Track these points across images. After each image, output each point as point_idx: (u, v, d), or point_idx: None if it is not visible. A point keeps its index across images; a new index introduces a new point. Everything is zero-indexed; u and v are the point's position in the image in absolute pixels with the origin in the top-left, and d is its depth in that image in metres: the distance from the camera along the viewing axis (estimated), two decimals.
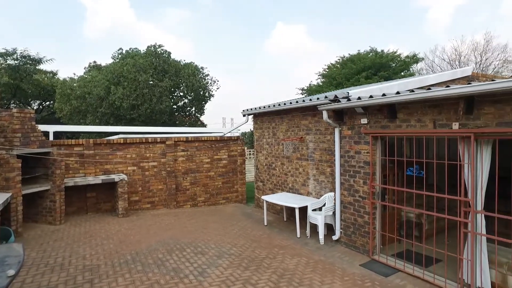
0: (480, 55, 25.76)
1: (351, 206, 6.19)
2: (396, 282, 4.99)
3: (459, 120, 4.46)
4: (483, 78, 8.73)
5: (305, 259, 5.85)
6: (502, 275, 4.45)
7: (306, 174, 7.90)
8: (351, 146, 6.09)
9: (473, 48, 26.19)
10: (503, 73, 23.46)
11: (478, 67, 24.78)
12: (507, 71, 23.67)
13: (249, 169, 14.23)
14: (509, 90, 3.71)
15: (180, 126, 22.97)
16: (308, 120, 7.71)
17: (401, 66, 22.76)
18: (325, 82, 24.64)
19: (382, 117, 5.49)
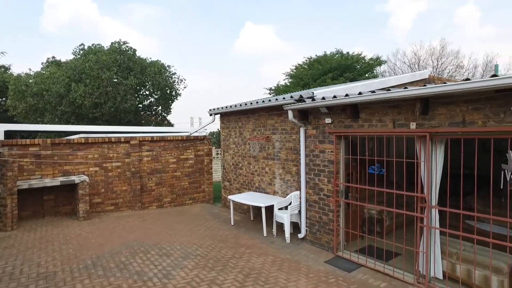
0: (437, 60, 27.27)
1: (316, 205, 6.31)
2: (359, 277, 5.14)
3: (416, 120, 4.68)
4: (438, 81, 9.24)
5: (271, 257, 5.89)
6: (452, 265, 4.74)
7: (272, 173, 7.96)
8: (316, 145, 6.22)
9: (431, 53, 27.67)
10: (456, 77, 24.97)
11: (435, 71, 26.18)
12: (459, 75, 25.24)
13: (216, 169, 14.14)
14: (458, 93, 3.95)
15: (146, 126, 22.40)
16: (274, 120, 7.77)
17: (366, 68, 23.56)
18: (293, 83, 24.98)
19: (345, 117, 5.65)
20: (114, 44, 22.36)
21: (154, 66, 22.79)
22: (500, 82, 3.46)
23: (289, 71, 26.80)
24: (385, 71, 27.97)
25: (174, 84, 24.55)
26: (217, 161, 15.26)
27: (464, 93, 3.97)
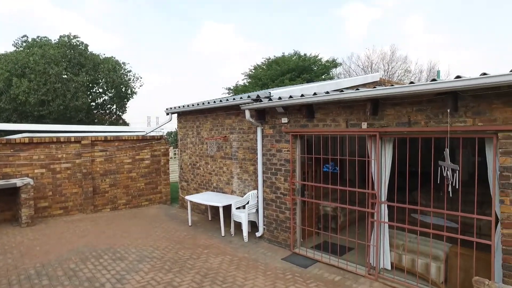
0: (388, 64, 28.80)
1: (273, 203, 6.41)
2: (314, 272, 5.30)
3: (367, 120, 4.92)
4: (388, 84, 9.76)
5: (229, 257, 5.89)
6: (399, 255, 5.05)
7: (230, 173, 7.96)
8: (273, 145, 6.31)
9: (382, 57, 29.17)
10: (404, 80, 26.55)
11: (386, 74, 27.64)
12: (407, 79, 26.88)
13: (173, 169, 13.85)
14: (403, 95, 4.22)
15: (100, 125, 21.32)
16: (232, 119, 7.78)
17: (322, 70, 24.31)
18: (251, 83, 25.14)
19: (301, 116, 5.79)
20: (63, 37, 21.03)
21: (108, 63, 21.77)
22: (438, 86, 3.74)
23: (248, 72, 26.95)
24: (341, 73, 29.04)
25: (130, 82, 23.63)
26: (175, 161, 14.95)
27: (409, 95, 4.25)
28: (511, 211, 3.69)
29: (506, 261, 3.74)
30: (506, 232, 3.73)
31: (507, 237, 3.73)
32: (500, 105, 3.72)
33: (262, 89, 21.33)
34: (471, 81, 3.51)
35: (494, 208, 3.90)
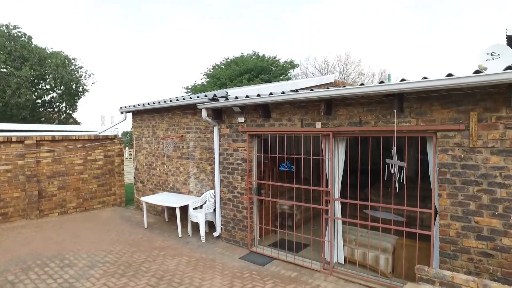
0: (343, 66, 29.95)
1: (230, 202, 6.42)
2: (272, 269, 5.38)
3: (321, 120, 5.08)
4: (343, 85, 10.15)
5: (186, 258, 5.80)
6: (351, 250, 5.29)
7: (187, 173, 7.84)
8: (230, 144, 6.32)
9: (337, 60, 30.30)
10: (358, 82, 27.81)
11: (341, 76, 28.73)
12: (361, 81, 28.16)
13: (129, 170, 13.36)
14: (354, 95, 4.42)
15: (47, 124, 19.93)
16: (189, 119, 7.66)
17: (280, 71, 24.69)
18: (210, 82, 24.92)
19: (257, 116, 5.85)
20: (1, 27, 19.37)
21: (56, 58, 20.37)
22: (385, 88, 3.97)
23: (206, 71, 26.68)
24: (298, 74, 29.71)
25: (81, 79, 22.36)
26: (130, 161, 14.41)
27: (359, 96, 4.46)
28: (447, 204, 4.01)
29: (442, 248, 4.07)
30: (442, 222, 4.06)
31: (443, 227, 4.05)
32: (439, 107, 4.02)
33: (220, 88, 21.23)
34: (413, 84, 3.76)
35: (434, 202, 4.21)
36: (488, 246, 3.79)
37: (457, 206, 3.97)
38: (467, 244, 3.92)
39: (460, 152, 3.92)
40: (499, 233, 3.72)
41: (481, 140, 3.78)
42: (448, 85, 3.61)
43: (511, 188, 3.63)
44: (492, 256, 3.77)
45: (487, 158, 3.77)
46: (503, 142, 3.66)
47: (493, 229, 3.76)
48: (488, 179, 3.77)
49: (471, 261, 3.89)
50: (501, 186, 3.69)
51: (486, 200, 3.79)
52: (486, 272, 3.80)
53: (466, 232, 3.92)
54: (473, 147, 3.83)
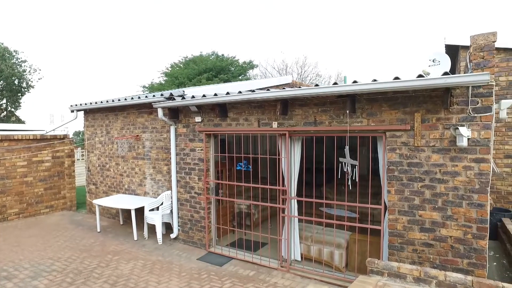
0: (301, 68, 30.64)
1: (187, 203, 6.32)
2: (230, 269, 5.38)
3: (277, 120, 5.16)
4: (300, 86, 10.39)
5: (141, 261, 5.62)
6: (307, 247, 5.43)
7: (142, 173, 7.60)
8: (187, 144, 6.22)
9: (296, 61, 30.99)
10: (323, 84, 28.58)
11: (299, 78, 29.36)
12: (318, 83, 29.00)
13: (81, 171, 12.68)
14: (309, 96, 4.53)
15: None
16: (145, 118, 7.43)
17: (239, 71, 24.71)
18: (168, 81, 24.34)
19: (214, 115, 5.82)
20: None
21: None
22: (338, 89, 4.12)
23: (164, 70, 26.04)
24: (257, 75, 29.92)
25: (25, 74, 20.85)
26: (82, 162, 13.68)
27: (314, 96, 4.59)
28: (395, 200, 4.26)
29: (391, 241, 4.31)
30: (391, 217, 4.30)
31: (392, 222, 4.29)
32: (387, 108, 4.25)
33: (179, 87, 20.81)
34: (364, 86, 3.94)
35: (383, 198, 4.45)
36: (429, 237, 4.07)
37: (404, 201, 4.22)
38: (412, 237, 4.18)
39: (406, 150, 4.18)
40: (438, 225, 4.02)
41: (424, 140, 4.05)
42: (395, 88, 3.83)
43: (449, 183, 3.93)
44: (432, 246, 4.06)
45: (429, 156, 4.04)
46: (442, 141, 3.95)
47: (433, 221, 4.04)
48: (430, 175, 4.05)
49: (415, 252, 4.16)
50: (440, 181, 3.98)
51: (428, 195, 4.07)
52: (427, 260, 4.08)
53: (412, 225, 4.18)
54: (417, 146, 4.09)
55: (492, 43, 3.74)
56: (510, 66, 6.26)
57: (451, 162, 3.93)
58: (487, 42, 3.76)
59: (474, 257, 3.86)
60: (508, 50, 6.24)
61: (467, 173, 3.85)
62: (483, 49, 3.79)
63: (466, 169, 3.86)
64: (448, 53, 7.15)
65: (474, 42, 3.83)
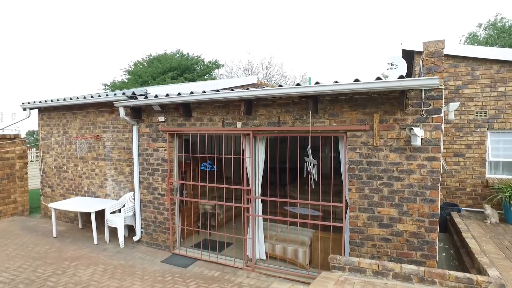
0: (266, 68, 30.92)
1: (151, 204, 6.17)
2: (195, 270, 5.32)
3: (242, 120, 5.18)
4: (265, 86, 10.48)
5: (102, 266, 5.41)
6: (272, 245, 5.50)
7: (103, 175, 7.31)
8: (150, 144, 6.07)
9: (261, 62, 31.21)
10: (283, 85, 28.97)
11: (265, 78, 29.61)
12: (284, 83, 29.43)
13: (35, 173, 11.97)
14: (272, 96, 4.59)
15: None
16: (105, 117, 7.16)
17: (205, 70, 24.48)
18: (131, 79, 23.61)
19: (178, 115, 5.73)
20: None
21: None
22: (301, 90, 4.21)
23: (127, 67, 25.23)
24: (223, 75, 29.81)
25: None
26: (36, 164, 12.91)
27: (277, 97, 4.65)
28: (356, 197, 4.42)
29: (352, 238, 4.48)
30: (352, 214, 4.46)
31: (353, 219, 4.46)
32: (348, 109, 4.41)
33: (142, 86, 20.25)
34: (326, 87, 4.06)
35: (345, 196, 4.60)
36: (387, 232, 4.28)
37: (364, 199, 4.39)
38: (371, 232, 4.37)
39: (366, 150, 4.35)
40: (395, 220, 4.23)
41: (382, 139, 4.25)
42: (355, 89, 3.97)
43: (405, 180, 4.15)
44: (390, 240, 4.27)
45: (387, 155, 4.24)
46: (398, 140, 4.16)
47: (391, 217, 4.25)
48: (387, 174, 4.25)
49: (375, 247, 4.35)
50: (397, 179, 4.19)
51: (386, 192, 4.27)
52: (385, 254, 4.29)
53: (371, 221, 4.36)
54: (376, 145, 4.28)
55: (441, 50, 4.00)
56: (457, 71, 6.71)
57: (406, 161, 4.15)
58: (437, 49, 4.01)
59: (426, 249, 4.10)
60: (456, 57, 6.68)
61: (421, 171, 4.08)
62: (433, 55, 4.04)
63: (420, 167, 4.09)
64: (404, 57, 7.52)
65: (426, 48, 4.08)
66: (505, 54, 6.37)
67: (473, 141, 6.70)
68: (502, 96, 6.44)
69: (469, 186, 6.77)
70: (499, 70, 6.45)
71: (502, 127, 6.48)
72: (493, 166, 6.70)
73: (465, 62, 6.67)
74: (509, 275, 3.82)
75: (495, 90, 6.47)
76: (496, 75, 6.47)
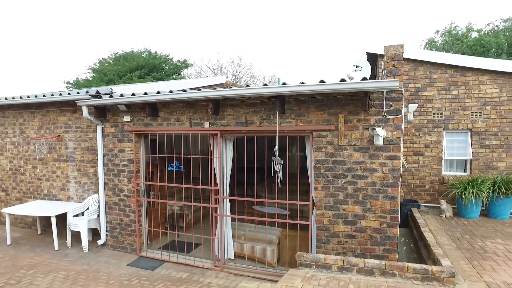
0: (236, 68, 30.92)
1: (116, 206, 6.00)
2: (162, 272, 5.23)
3: (209, 120, 5.16)
4: (233, 86, 10.49)
5: (63, 273, 5.18)
6: (241, 245, 5.52)
7: (65, 177, 7.00)
8: (115, 144, 5.90)
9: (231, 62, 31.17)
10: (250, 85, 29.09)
11: (234, 78, 29.60)
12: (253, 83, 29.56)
13: None
14: (240, 96, 4.62)
15: None
16: (67, 117, 6.86)
17: (173, 69, 24.07)
18: (96, 78, 22.77)
19: (144, 115, 5.61)
20: None
21: None
22: (268, 90, 4.27)
23: (92, 65, 24.29)
24: (192, 74, 29.47)
25: None
26: None
27: (245, 97, 4.68)
28: (322, 196, 4.54)
29: (318, 235, 4.59)
30: (318, 212, 4.58)
31: (319, 217, 4.57)
32: (314, 110, 4.52)
33: (108, 85, 19.60)
34: (292, 87, 4.14)
35: (311, 194, 4.71)
36: (352, 229, 4.43)
37: (329, 197, 4.52)
38: (337, 229, 4.50)
39: (331, 149, 4.48)
40: (359, 217, 4.39)
41: (347, 139, 4.39)
42: (320, 90, 4.08)
43: (368, 178, 4.32)
44: (354, 237, 4.42)
45: (351, 154, 4.39)
46: (362, 140, 4.33)
47: (355, 214, 4.41)
48: (352, 172, 4.40)
49: (340, 243, 4.49)
50: (361, 177, 4.35)
51: (350, 190, 4.42)
52: (350, 250, 4.44)
53: (337, 219, 4.50)
54: (341, 145, 4.42)
55: (400, 53, 4.20)
56: (417, 75, 7.07)
57: (369, 160, 4.31)
58: (397, 53, 4.21)
59: (388, 243, 4.29)
60: (416, 61, 7.03)
61: (383, 169, 4.26)
62: (394, 59, 4.23)
63: (382, 165, 4.27)
64: (369, 60, 7.81)
65: (387, 52, 4.26)
66: (457, 59, 6.81)
67: (431, 141, 7.07)
68: (456, 99, 6.85)
69: (427, 183, 7.14)
70: (453, 75, 6.87)
71: (456, 128, 6.89)
72: (448, 164, 7.11)
73: (423, 66, 7.03)
74: (459, 264, 4.09)
75: (450, 93, 6.88)
76: (450, 79, 6.88)
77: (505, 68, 6.50)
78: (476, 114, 6.76)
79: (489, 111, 6.68)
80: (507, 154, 6.63)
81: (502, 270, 3.95)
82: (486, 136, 6.72)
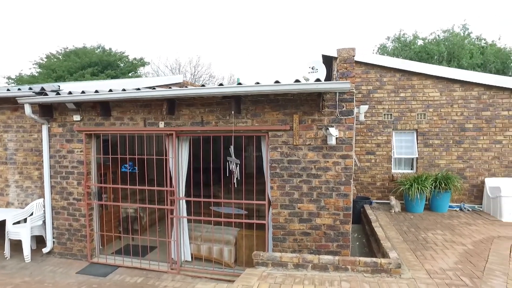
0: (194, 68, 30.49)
1: (65, 211, 5.66)
2: (115, 278, 5.02)
3: (164, 120, 5.04)
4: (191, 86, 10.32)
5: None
6: (198, 246, 5.46)
7: (4, 180, 6.46)
8: (63, 145, 5.57)
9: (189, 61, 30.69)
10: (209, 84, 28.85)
11: (192, 78, 29.17)
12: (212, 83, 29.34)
13: None
14: (195, 96, 4.57)
15: None
16: (7, 115, 6.34)
17: (129, 67, 23.19)
18: (43, 73, 21.30)
19: (96, 114, 5.35)
20: None
21: None
22: (223, 90, 4.26)
23: (38, 60, 22.70)
24: (149, 73, 28.61)
25: None
26: None
27: (201, 96, 4.63)
28: (277, 195, 4.61)
29: (275, 234, 4.66)
30: (274, 211, 4.64)
31: (275, 215, 4.64)
32: (270, 110, 4.58)
33: (56, 81, 18.43)
34: (247, 88, 4.17)
35: (267, 193, 4.77)
36: (307, 226, 4.54)
37: (285, 196, 4.60)
38: (292, 228, 4.59)
39: (286, 149, 4.56)
40: (314, 215, 4.51)
41: (302, 139, 4.49)
42: (275, 91, 4.15)
43: (322, 177, 4.45)
44: (310, 234, 4.54)
45: (306, 154, 4.50)
46: (316, 140, 4.45)
47: (310, 212, 4.52)
48: (306, 171, 4.51)
49: (296, 241, 4.58)
50: (315, 176, 4.48)
51: (305, 189, 4.53)
52: (306, 248, 4.55)
53: (292, 217, 4.59)
54: (296, 144, 4.51)
55: (352, 56, 4.38)
56: (369, 77, 7.42)
57: (323, 159, 4.45)
58: (349, 56, 4.39)
59: (341, 239, 4.46)
60: (368, 64, 7.38)
61: (336, 168, 4.42)
62: (346, 61, 4.41)
63: (335, 164, 4.42)
64: (324, 62, 8.05)
65: (340, 54, 4.43)
66: (404, 64, 7.27)
67: (382, 140, 7.45)
68: (403, 101, 7.29)
69: (379, 180, 7.52)
70: (401, 78, 7.30)
71: (403, 128, 7.33)
72: (397, 162, 7.54)
73: (374, 69, 7.40)
74: (405, 255, 4.36)
75: (398, 95, 7.30)
76: (399, 82, 7.30)
77: (444, 74, 7.05)
78: (421, 116, 7.23)
79: (431, 113, 7.18)
80: (446, 152, 7.17)
81: (440, 258, 4.28)
82: (429, 136, 7.21)
